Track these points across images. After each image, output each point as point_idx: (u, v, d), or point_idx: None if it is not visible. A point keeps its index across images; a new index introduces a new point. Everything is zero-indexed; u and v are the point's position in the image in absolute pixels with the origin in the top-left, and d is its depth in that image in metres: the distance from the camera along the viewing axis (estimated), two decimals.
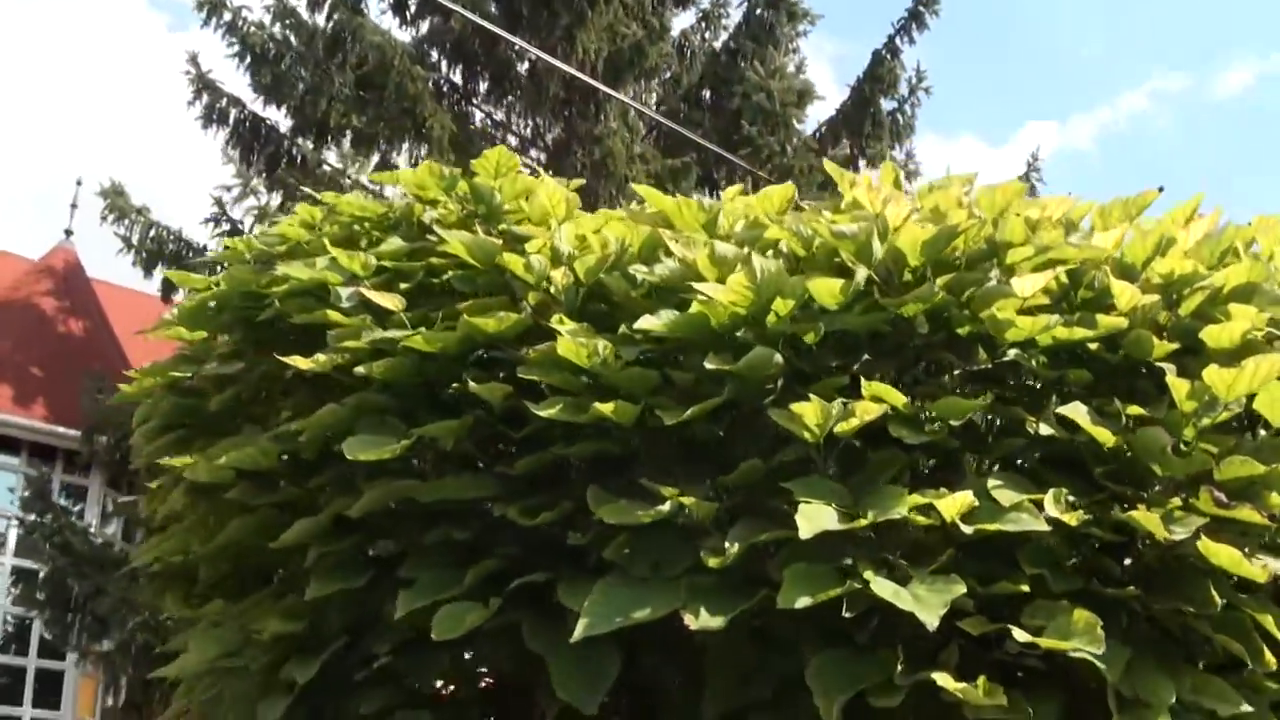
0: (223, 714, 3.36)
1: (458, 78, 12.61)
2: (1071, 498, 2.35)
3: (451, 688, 3.33)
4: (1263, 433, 2.51)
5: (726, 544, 2.29)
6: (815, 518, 2.16)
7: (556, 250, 2.91)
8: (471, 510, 2.88)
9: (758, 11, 12.35)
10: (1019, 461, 2.56)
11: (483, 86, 12.74)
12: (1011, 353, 2.54)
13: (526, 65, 12.15)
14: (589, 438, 2.62)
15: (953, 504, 2.25)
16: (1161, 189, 2.99)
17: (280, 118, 11.61)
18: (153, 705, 9.39)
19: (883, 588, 2.10)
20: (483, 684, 3.26)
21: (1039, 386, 2.63)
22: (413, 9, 12.23)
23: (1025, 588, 2.27)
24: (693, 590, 2.30)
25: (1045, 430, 2.43)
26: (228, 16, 11.22)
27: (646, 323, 2.53)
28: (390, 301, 3.06)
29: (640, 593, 2.31)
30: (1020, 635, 2.12)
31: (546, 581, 2.64)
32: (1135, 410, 2.46)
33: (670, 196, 3.16)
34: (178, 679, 3.99)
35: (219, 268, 7.25)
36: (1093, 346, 2.57)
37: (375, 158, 11.83)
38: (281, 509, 3.24)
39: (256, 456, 3.10)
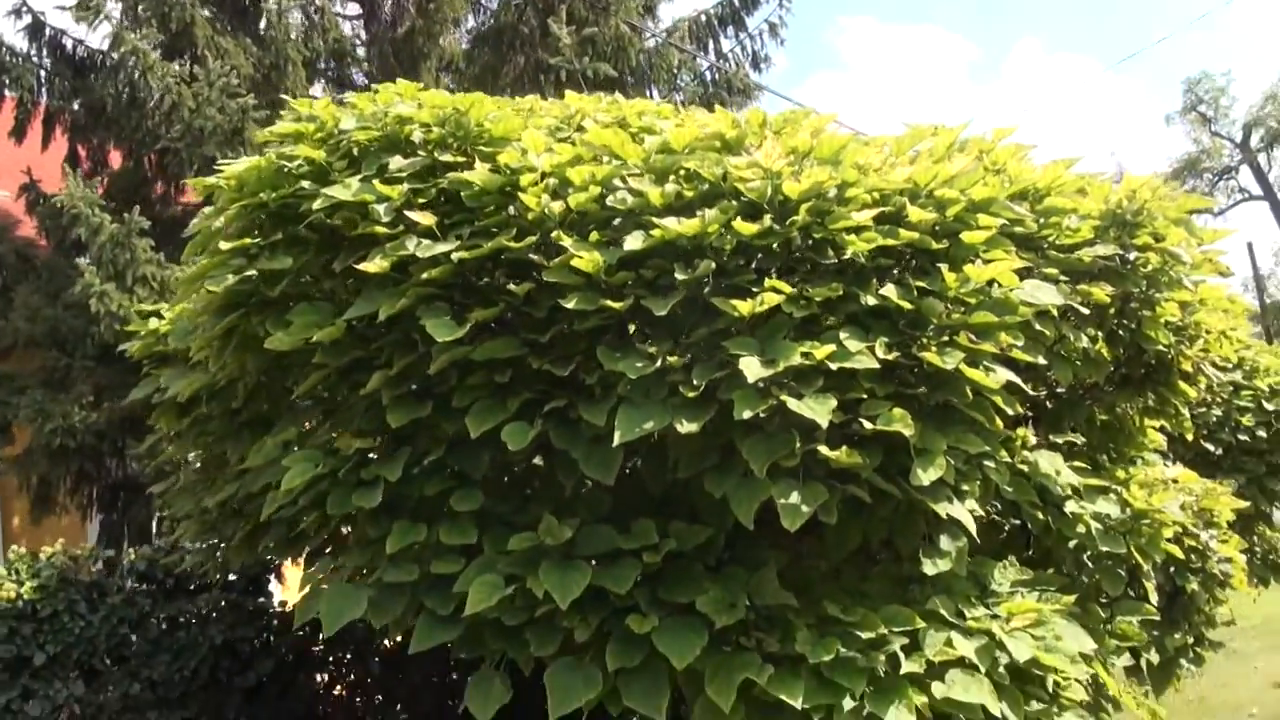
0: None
1: None
2: (886, 339, 4.03)
3: None
4: (998, 291, 4.23)
5: (694, 380, 3.88)
6: (752, 368, 3.77)
7: (550, 185, 4.30)
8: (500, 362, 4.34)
9: None
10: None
11: None
12: (849, 252, 4.17)
13: None
14: (593, 316, 4.11)
15: (822, 351, 3.90)
16: (936, 129, 4.62)
17: None
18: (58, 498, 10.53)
19: (793, 404, 3.74)
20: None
21: (865, 270, 4.26)
22: None
23: (864, 395, 3.96)
24: (674, 409, 3.90)
25: (870, 300, 4.08)
26: None
27: (631, 243, 4.01)
28: (424, 219, 4.39)
29: (645, 412, 3.89)
30: (868, 425, 3.83)
31: (566, 405, 4.19)
32: (920, 284, 4.14)
33: (612, 130, 4.56)
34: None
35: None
36: (895, 243, 4.21)
37: None
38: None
39: (334, 332, 4.44)
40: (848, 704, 3.95)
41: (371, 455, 4.64)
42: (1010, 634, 4.36)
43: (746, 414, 3.75)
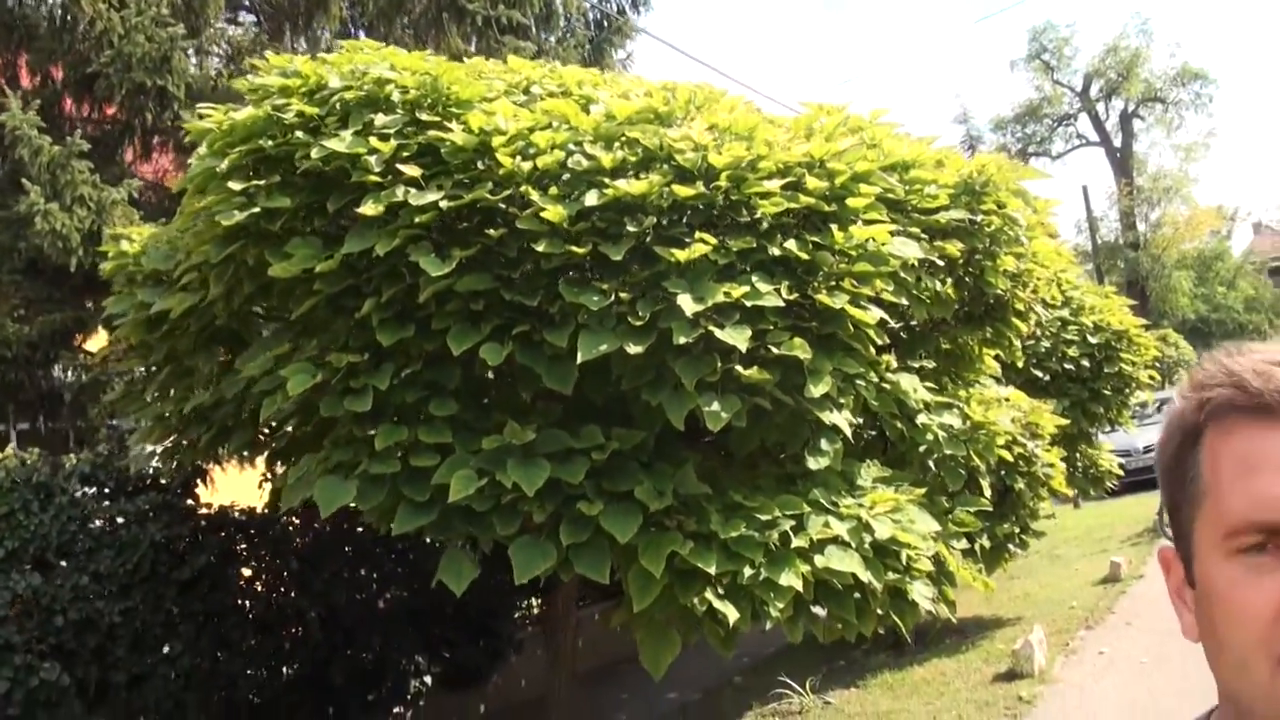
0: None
1: None
2: (788, 283, 5.11)
3: None
4: (874, 246, 5.34)
5: (639, 312, 4.90)
6: (688, 304, 4.80)
7: (519, 148, 5.23)
8: (476, 293, 5.28)
9: None
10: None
11: None
12: (760, 212, 5.22)
13: None
14: (557, 258, 5.08)
15: (739, 291, 4.95)
16: (828, 111, 5.69)
17: None
18: None
19: (719, 333, 4.80)
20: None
21: (772, 227, 5.32)
22: None
23: (770, 327, 5.04)
24: (623, 335, 4.92)
25: (776, 252, 5.15)
26: None
27: (590, 200, 4.98)
28: (411, 170, 5.27)
29: (601, 337, 4.90)
30: (774, 350, 4.91)
31: (530, 329, 5.17)
32: (814, 239, 5.23)
33: (568, 99, 5.50)
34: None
35: None
36: (796, 206, 5.27)
37: None
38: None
39: (332, 264, 5.30)
40: (748, 571, 5.08)
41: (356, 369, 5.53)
42: (874, 518, 5.53)
43: (682, 340, 4.80)
